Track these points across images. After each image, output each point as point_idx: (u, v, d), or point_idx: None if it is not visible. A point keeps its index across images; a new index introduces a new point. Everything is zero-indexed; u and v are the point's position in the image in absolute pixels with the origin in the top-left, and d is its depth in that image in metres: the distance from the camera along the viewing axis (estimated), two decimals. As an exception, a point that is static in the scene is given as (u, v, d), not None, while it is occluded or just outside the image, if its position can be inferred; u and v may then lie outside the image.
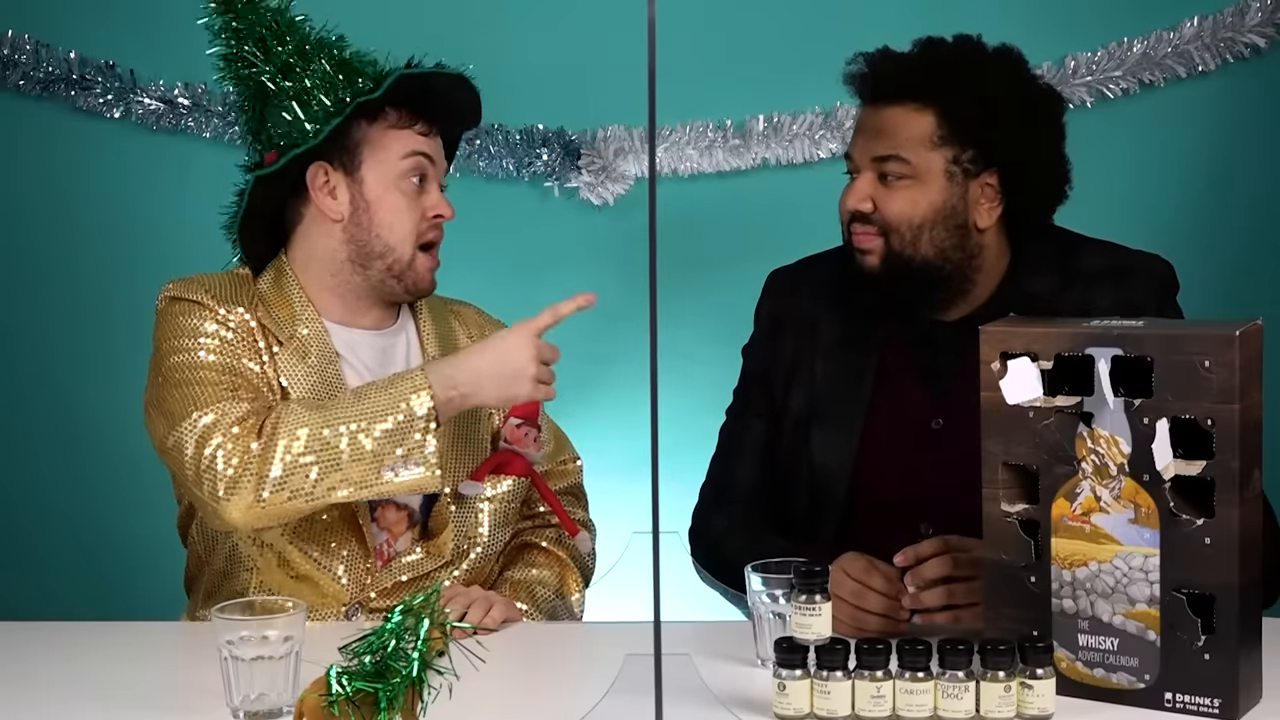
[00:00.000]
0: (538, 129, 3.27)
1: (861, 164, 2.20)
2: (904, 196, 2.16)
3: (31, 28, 3.22)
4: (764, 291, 2.43)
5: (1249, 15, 3.17)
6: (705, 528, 2.35)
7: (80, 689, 1.93)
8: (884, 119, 2.18)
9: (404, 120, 2.26)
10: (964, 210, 2.17)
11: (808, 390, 2.29)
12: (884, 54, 2.22)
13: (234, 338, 2.21)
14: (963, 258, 2.18)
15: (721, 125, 3.26)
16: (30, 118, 3.25)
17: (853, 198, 2.20)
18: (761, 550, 2.02)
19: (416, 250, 2.28)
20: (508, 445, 2.33)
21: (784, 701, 1.74)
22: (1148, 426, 1.73)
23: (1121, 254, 2.23)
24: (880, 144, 2.17)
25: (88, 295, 3.26)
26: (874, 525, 2.17)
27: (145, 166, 3.26)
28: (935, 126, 2.15)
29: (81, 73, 3.22)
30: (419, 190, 2.28)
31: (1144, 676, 1.77)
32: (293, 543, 2.19)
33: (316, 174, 2.25)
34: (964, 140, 2.15)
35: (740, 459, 2.35)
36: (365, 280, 2.29)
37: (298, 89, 2.22)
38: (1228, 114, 3.23)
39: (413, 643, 1.56)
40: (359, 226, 2.26)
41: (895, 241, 2.17)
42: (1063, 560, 1.80)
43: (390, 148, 2.26)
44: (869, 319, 2.26)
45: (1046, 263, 2.22)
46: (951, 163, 2.16)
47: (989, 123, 2.15)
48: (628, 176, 3.28)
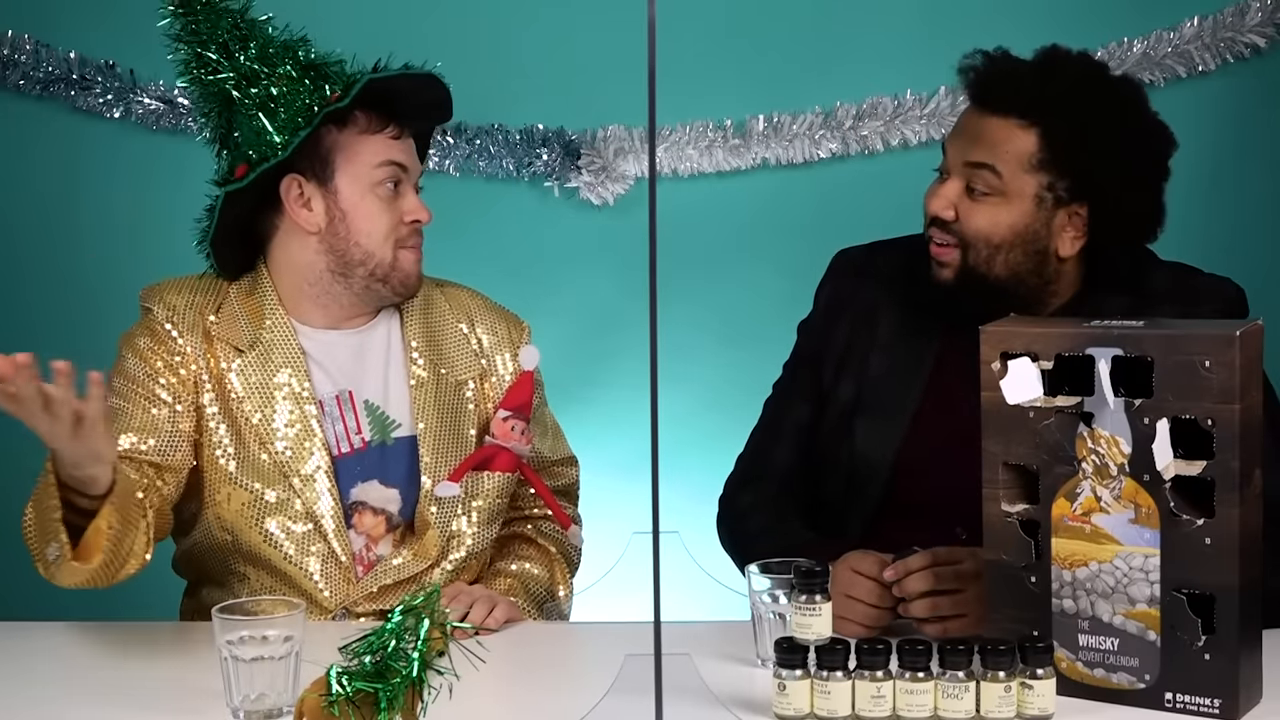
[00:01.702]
0: (538, 129, 3.27)
1: (953, 166, 2.14)
2: (987, 213, 2.11)
3: (31, 28, 3.22)
4: (828, 272, 2.36)
5: (1249, 15, 3.17)
6: (734, 500, 2.33)
7: (80, 689, 1.93)
8: (986, 126, 2.11)
9: (374, 124, 2.21)
10: (1046, 237, 2.11)
11: (858, 379, 2.25)
12: (1002, 59, 2.14)
13: (174, 353, 2.21)
14: (1038, 283, 2.13)
15: (721, 125, 3.26)
16: (30, 118, 3.25)
17: (937, 202, 2.14)
18: (783, 533, 2.01)
19: (397, 250, 2.24)
20: (493, 440, 2.27)
21: (784, 701, 1.74)
22: (1148, 426, 1.73)
23: (1191, 276, 2.19)
24: (977, 150, 2.10)
25: (87, 295, 3.26)
26: (906, 523, 2.13)
27: (145, 166, 3.26)
28: (1037, 148, 2.08)
29: (81, 73, 3.22)
30: (394, 195, 2.24)
31: (1144, 677, 1.77)
32: (267, 555, 2.20)
33: (290, 187, 2.21)
34: (1063, 167, 2.08)
35: (779, 439, 2.32)
36: (348, 288, 2.25)
37: (263, 97, 2.17)
38: (1228, 114, 3.23)
39: (413, 643, 1.56)
40: (336, 236, 2.22)
41: (972, 257, 2.12)
42: (1063, 560, 1.80)
43: (362, 155, 2.21)
44: (933, 317, 2.21)
45: (1117, 282, 2.16)
46: (1045, 188, 2.09)
47: (1090, 153, 2.08)
48: (628, 176, 3.28)
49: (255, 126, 2.17)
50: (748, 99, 3.26)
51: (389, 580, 2.21)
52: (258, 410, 2.20)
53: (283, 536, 2.19)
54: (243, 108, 2.19)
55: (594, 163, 3.26)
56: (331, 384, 2.25)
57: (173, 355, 2.22)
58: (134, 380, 2.21)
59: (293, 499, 2.19)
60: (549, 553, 2.37)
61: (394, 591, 2.20)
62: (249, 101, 2.18)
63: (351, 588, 2.21)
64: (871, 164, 3.25)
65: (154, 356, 2.22)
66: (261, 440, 2.20)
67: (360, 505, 2.23)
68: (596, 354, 3.26)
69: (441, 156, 3.25)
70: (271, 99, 2.17)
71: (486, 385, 2.33)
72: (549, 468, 2.42)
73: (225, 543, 2.22)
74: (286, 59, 2.19)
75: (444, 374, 2.30)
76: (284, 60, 2.19)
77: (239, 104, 2.19)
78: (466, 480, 2.25)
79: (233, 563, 2.23)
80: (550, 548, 2.37)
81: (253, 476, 2.20)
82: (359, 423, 2.25)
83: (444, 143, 3.24)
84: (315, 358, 2.26)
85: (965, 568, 1.95)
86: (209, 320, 2.24)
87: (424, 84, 2.25)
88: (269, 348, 2.23)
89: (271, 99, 2.17)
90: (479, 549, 2.29)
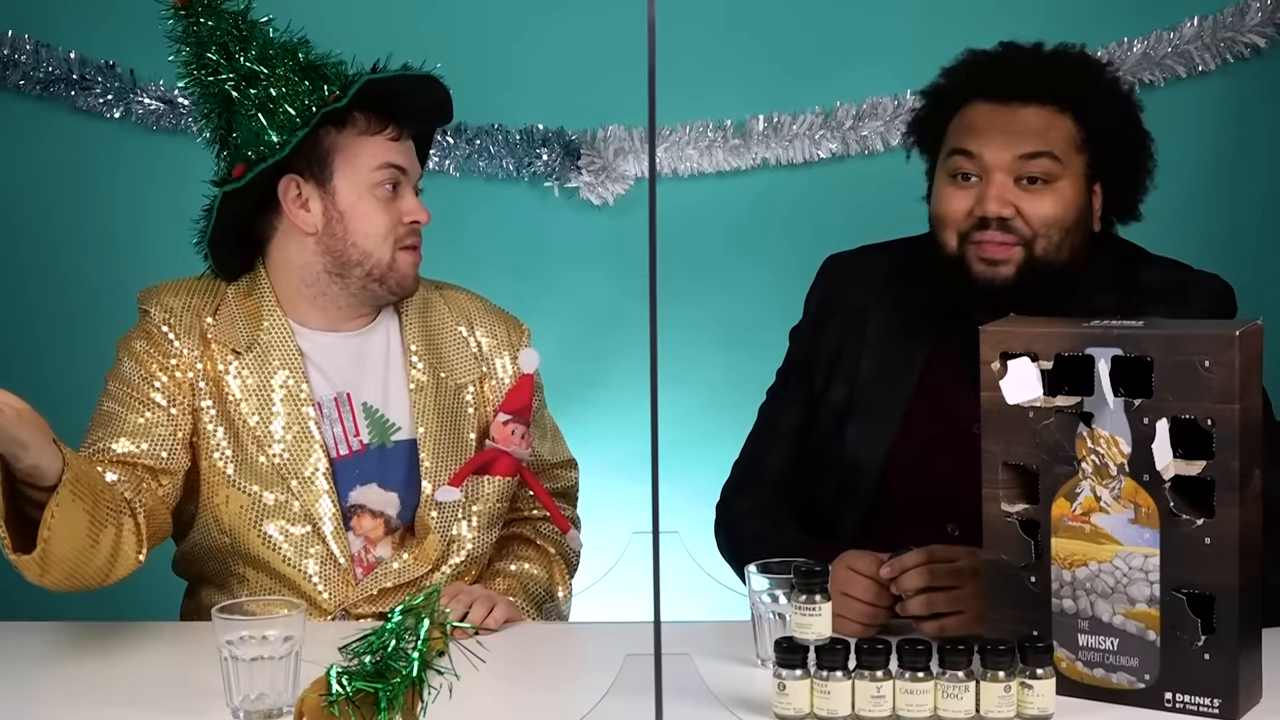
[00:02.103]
0: (538, 129, 3.27)
1: (995, 164, 2.10)
2: (1049, 200, 2.10)
3: (31, 28, 3.22)
4: (818, 277, 2.37)
5: (1249, 15, 3.17)
6: (730, 506, 2.34)
7: (80, 689, 1.93)
8: (1025, 118, 2.11)
9: (373, 125, 2.21)
10: (1090, 217, 2.16)
11: (849, 382, 2.26)
12: (1016, 50, 2.17)
13: (171, 355, 2.22)
14: (1085, 262, 2.15)
15: (721, 125, 3.26)
16: (30, 118, 3.26)
17: (994, 203, 2.10)
18: (778, 537, 2.01)
19: (396, 250, 2.24)
20: (494, 444, 2.27)
21: (784, 701, 1.74)
22: (1148, 426, 1.73)
23: (1180, 271, 2.20)
24: (1026, 141, 2.09)
25: (87, 295, 3.26)
26: (899, 523, 2.14)
27: (145, 166, 3.26)
28: (1075, 129, 2.12)
29: (81, 73, 3.23)
30: (393, 196, 2.23)
31: (1144, 676, 1.77)
32: (266, 557, 2.20)
33: (288, 187, 2.21)
34: (1095, 146, 2.13)
35: (772, 443, 2.33)
36: (345, 289, 2.25)
37: (262, 98, 2.17)
38: (1228, 114, 3.23)
39: (413, 643, 1.56)
40: (334, 237, 2.22)
41: (1040, 246, 2.10)
42: (1063, 560, 1.80)
43: (361, 156, 2.21)
44: (924, 318, 2.22)
45: (1108, 277, 2.18)
46: (1089, 166, 2.13)
47: (1112, 132, 2.14)
48: (628, 176, 3.28)
49: (254, 127, 2.17)
50: (748, 99, 3.26)
51: (389, 583, 2.21)
52: (255, 412, 2.20)
53: (281, 539, 2.19)
54: (242, 108, 2.19)
55: (594, 163, 3.26)
56: (330, 386, 2.25)
57: (169, 358, 2.22)
58: (129, 384, 2.21)
59: (291, 501, 2.19)
60: (548, 554, 2.37)
61: (393, 595, 2.20)
62: (248, 102, 2.18)
63: (350, 590, 2.21)
64: (871, 164, 3.25)
65: (149, 360, 2.22)
66: (259, 443, 2.20)
67: (359, 508, 2.23)
68: (596, 354, 3.27)
69: (441, 156, 3.25)
70: (270, 99, 2.17)
71: (486, 388, 2.33)
72: (548, 470, 2.42)
73: (224, 545, 2.22)
74: (286, 60, 2.19)
75: (443, 377, 2.30)
76: (283, 61, 2.19)
77: (238, 104, 2.19)
78: (466, 484, 2.24)
79: (232, 564, 2.23)
80: (549, 549, 2.37)
81: (251, 479, 2.20)
82: (357, 425, 2.25)
83: (444, 143, 3.24)
84: (313, 359, 2.26)
85: (961, 565, 1.96)
86: (206, 322, 2.24)
87: (423, 85, 2.24)
88: (266, 349, 2.23)
89: (270, 99, 2.17)
90: (479, 553, 2.29)
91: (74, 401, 2.47)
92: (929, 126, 2.23)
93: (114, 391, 2.22)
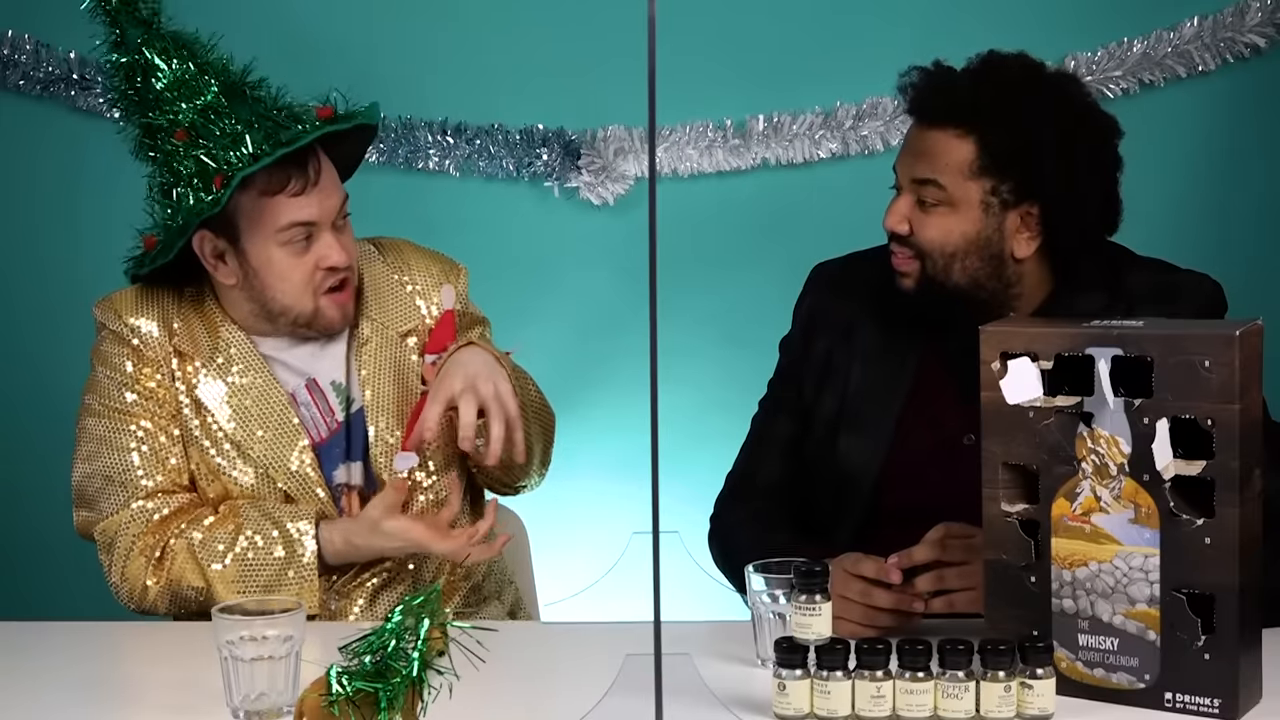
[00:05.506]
0: (538, 129, 3.27)
1: (903, 182, 2.17)
2: (938, 224, 2.12)
3: (31, 28, 3.22)
4: (806, 286, 2.38)
5: (1249, 15, 3.17)
6: (723, 517, 2.35)
7: (80, 689, 1.93)
8: (927, 141, 2.13)
9: (274, 184, 2.14)
10: (1000, 240, 2.12)
11: (840, 391, 2.27)
12: (936, 72, 2.16)
13: (146, 364, 2.23)
14: (999, 286, 2.14)
15: (721, 125, 3.26)
16: (30, 118, 3.26)
17: (891, 218, 2.16)
18: (771, 546, 2.01)
19: (318, 298, 2.21)
20: (425, 387, 2.24)
21: (784, 701, 1.74)
22: (1148, 426, 1.73)
23: (1168, 272, 2.19)
24: (920, 166, 2.13)
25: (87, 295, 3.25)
26: (894, 533, 2.14)
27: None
28: (975, 155, 2.10)
29: (81, 73, 3.23)
30: (305, 247, 2.19)
31: (1144, 676, 1.77)
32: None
33: (202, 243, 2.19)
34: (1003, 171, 2.10)
35: (765, 454, 2.34)
36: (275, 331, 2.25)
37: (164, 176, 2.18)
38: (1228, 114, 3.23)
39: (413, 643, 1.56)
40: (253, 289, 2.21)
41: (929, 266, 2.14)
42: (1063, 560, 1.80)
43: (264, 217, 2.16)
44: (910, 328, 2.23)
45: (1093, 280, 2.17)
46: (989, 193, 2.11)
47: (1032, 154, 2.09)
48: (628, 176, 3.28)
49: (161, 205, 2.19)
50: (748, 99, 3.26)
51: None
52: (231, 419, 2.22)
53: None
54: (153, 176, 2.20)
55: (594, 163, 3.26)
56: (296, 376, 2.26)
57: (157, 373, 2.24)
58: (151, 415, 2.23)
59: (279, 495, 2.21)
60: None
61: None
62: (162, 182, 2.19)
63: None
64: (871, 164, 3.25)
65: (147, 379, 2.24)
66: (240, 447, 2.22)
67: (345, 487, 2.25)
68: (596, 354, 3.27)
69: (441, 156, 3.25)
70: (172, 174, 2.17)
71: (428, 332, 2.32)
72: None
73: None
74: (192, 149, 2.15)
75: (385, 327, 2.29)
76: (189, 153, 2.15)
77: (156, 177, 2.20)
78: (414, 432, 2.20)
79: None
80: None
81: (240, 486, 2.21)
82: (331, 405, 2.26)
83: (444, 143, 3.24)
84: (276, 358, 2.27)
85: (976, 541, 1.94)
86: (175, 330, 2.25)
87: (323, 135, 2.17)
88: (229, 358, 2.24)
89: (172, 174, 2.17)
90: (444, 493, 2.26)
91: (72, 401, 2.48)
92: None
93: (142, 432, 2.23)
